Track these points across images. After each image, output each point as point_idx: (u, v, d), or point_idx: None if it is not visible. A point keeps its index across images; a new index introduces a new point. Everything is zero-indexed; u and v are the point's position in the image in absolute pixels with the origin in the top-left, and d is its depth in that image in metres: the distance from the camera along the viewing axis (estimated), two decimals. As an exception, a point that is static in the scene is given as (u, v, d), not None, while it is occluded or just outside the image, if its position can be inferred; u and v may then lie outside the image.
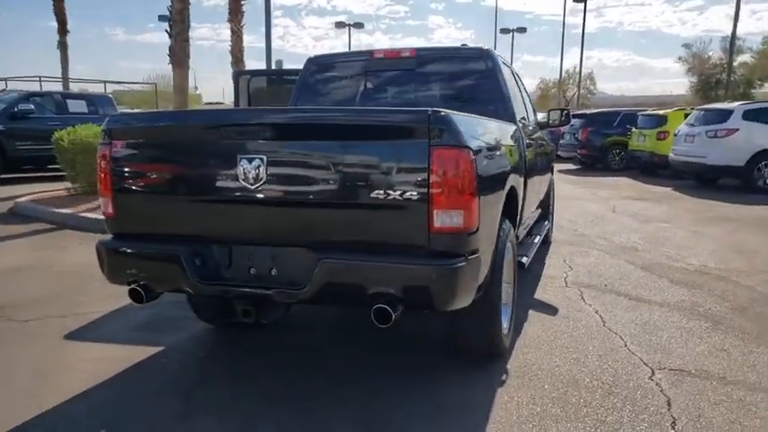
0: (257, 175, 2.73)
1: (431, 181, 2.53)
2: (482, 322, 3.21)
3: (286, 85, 6.04)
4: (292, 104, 4.77)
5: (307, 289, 2.71)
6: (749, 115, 11.58)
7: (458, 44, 5.56)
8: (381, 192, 2.59)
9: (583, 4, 31.25)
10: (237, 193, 2.81)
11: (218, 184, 2.87)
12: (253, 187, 2.75)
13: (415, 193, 2.55)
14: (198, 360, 3.66)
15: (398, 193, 2.57)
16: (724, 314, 4.40)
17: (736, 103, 12.78)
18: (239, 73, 5.97)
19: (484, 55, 4.38)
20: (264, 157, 2.72)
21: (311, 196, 2.73)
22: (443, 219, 2.56)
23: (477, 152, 2.68)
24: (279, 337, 4.01)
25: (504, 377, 3.34)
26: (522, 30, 39.16)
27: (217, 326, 4.11)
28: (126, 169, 3.05)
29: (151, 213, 3.07)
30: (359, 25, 41.77)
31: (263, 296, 2.83)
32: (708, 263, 5.96)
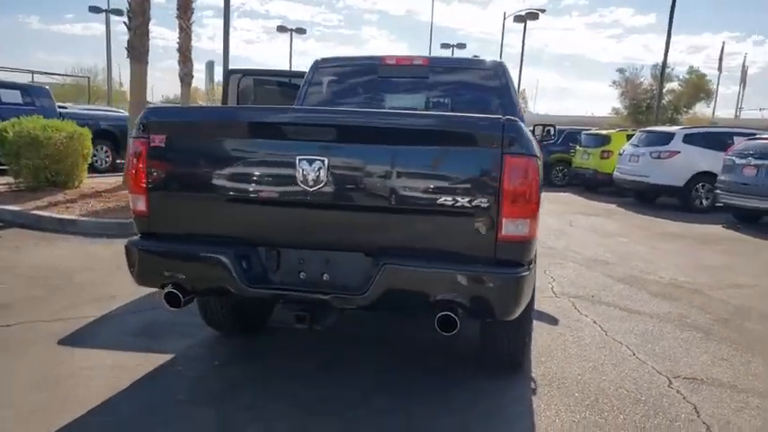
0: (317, 177, 2.64)
1: (502, 189, 2.53)
2: (518, 332, 3.24)
3: (279, 87, 5.92)
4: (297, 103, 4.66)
5: (367, 294, 2.64)
6: (689, 139, 12.34)
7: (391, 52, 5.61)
8: (449, 198, 2.57)
9: (522, 24, 32.40)
10: (293, 196, 2.70)
11: (272, 185, 2.76)
12: (312, 190, 2.66)
13: (485, 201, 2.55)
14: (215, 368, 3.49)
15: (467, 200, 2.56)
16: (710, 325, 4.64)
17: (677, 128, 13.61)
18: (231, 72, 5.78)
19: (497, 67, 4.45)
20: (326, 159, 2.64)
21: (374, 201, 2.67)
22: (510, 227, 2.57)
23: (539, 162, 2.71)
24: (288, 344, 3.89)
25: (533, 386, 3.38)
26: (462, 45, 40.14)
27: (224, 333, 3.94)
28: (165, 166, 2.87)
29: (192, 213, 2.91)
30: (301, 31, 41.45)
31: (319, 301, 2.74)
32: (677, 276, 6.28)
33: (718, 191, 10.81)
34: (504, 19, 34.96)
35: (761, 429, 2.98)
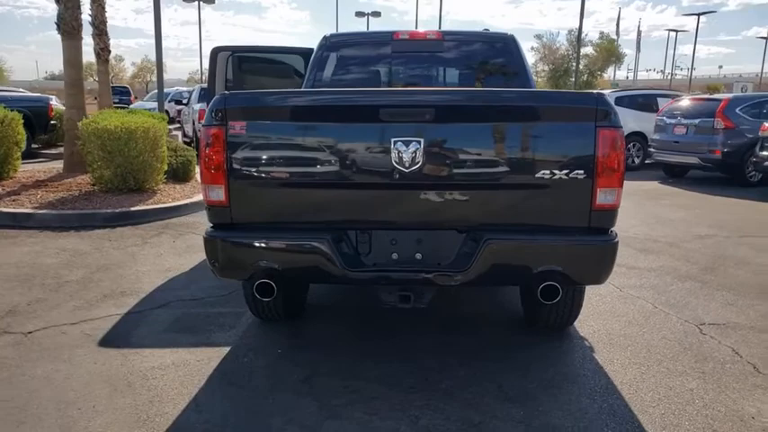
0: (413, 158, 2.65)
1: (596, 160, 2.65)
2: (580, 298, 3.40)
3: (272, 65, 5.70)
4: (308, 84, 4.55)
5: (470, 270, 2.70)
6: (619, 101, 13.06)
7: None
8: (547, 172, 2.66)
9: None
10: (388, 177, 2.70)
11: (366, 167, 2.73)
12: (408, 171, 2.67)
13: (582, 173, 2.66)
14: (281, 355, 3.43)
15: (564, 172, 2.66)
16: (702, 274, 5.07)
17: (608, 91, 14.35)
18: (218, 49, 5.48)
19: (509, 40, 4.54)
20: (422, 140, 2.64)
21: (470, 178, 2.72)
22: (603, 197, 2.70)
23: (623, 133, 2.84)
24: (330, 325, 3.89)
25: (587, 344, 3.59)
26: (376, 14, 39.81)
27: (264, 320, 3.87)
28: (247, 153, 2.77)
29: (278, 201, 2.82)
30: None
31: (423, 280, 2.76)
32: (648, 232, 6.76)
33: (651, 149, 11.60)
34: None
35: (796, 362, 3.35)
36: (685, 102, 11.40)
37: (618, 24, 53.81)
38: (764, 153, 9.37)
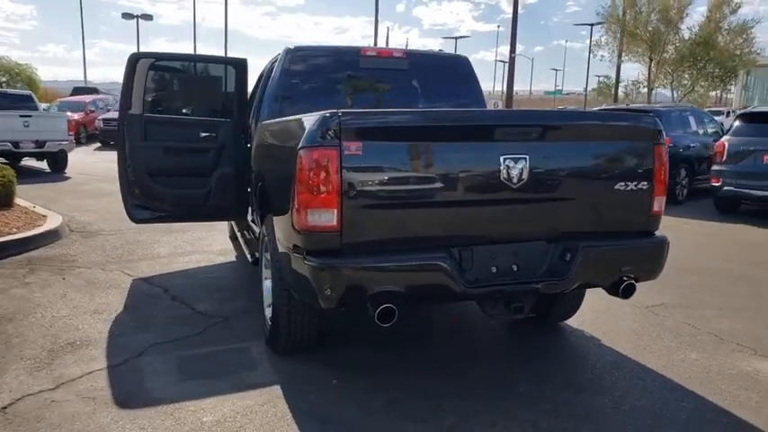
0: (521, 174, 2.81)
1: (654, 172, 3.11)
2: (582, 293, 3.85)
3: (198, 75, 5.11)
4: (270, 96, 4.31)
5: (569, 277, 2.94)
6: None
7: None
8: (622, 183, 3.04)
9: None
10: (497, 194, 2.81)
11: (477, 185, 2.80)
12: (515, 186, 2.81)
13: (645, 183, 3.10)
14: (341, 385, 3.24)
15: (634, 183, 3.07)
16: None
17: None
18: (139, 55, 4.70)
19: (464, 61, 4.85)
20: (527, 157, 2.82)
21: (564, 192, 2.96)
22: (657, 204, 3.18)
23: None
24: (358, 346, 3.78)
25: (588, 331, 4.07)
26: (148, 17, 37.02)
27: (284, 353, 3.58)
28: (362, 174, 2.63)
29: (391, 222, 2.72)
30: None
31: (534, 291, 2.90)
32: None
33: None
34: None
35: None
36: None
37: (387, 43, 57.80)
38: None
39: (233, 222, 6.05)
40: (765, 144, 8.40)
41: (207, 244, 6.56)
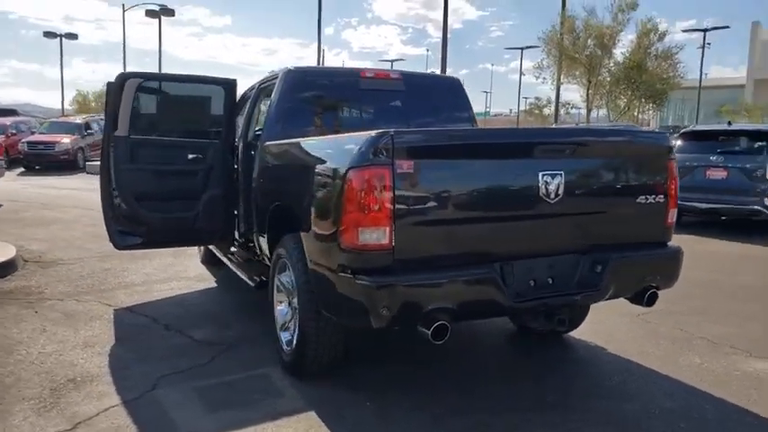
0: (557, 189, 2.91)
1: (668, 186, 3.29)
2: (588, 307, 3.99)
3: (186, 95, 4.93)
4: (272, 116, 4.25)
5: (601, 288, 3.05)
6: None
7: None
8: (643, 197, 3.20)
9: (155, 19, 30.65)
10: (536, 209, 2.89)
11: (519, 201, 2.87)
12: (552, 202, 2.91)
13: (662, 197, 3.27)
14: (375, 406, 3.19)
15: (653, 197, 3.24)
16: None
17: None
18: (127, 75, 4.46)
19: (456, 83, 4.95)
20: (563, 173, 2.92)
21: (596, 205, 3.08)
22: (671, 215, 3.35)
23: None
24: (374, 363, 3.74)
25: (591, 341, 4.20)
26: (73, 36, 35.52)
27: (305, 377, 3.50)
28: (414, 192, 2.65)
29: (441, 238, 2.75)
30: None
31: (573, 303, 2.98)
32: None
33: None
34: (124, 12, 32.53)
35: None
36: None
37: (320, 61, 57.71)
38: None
39: (211, 247, 5.86)
40: (706, 160, 8.99)
41: (181, 270, 6.31)
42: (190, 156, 4.73)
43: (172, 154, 4.75)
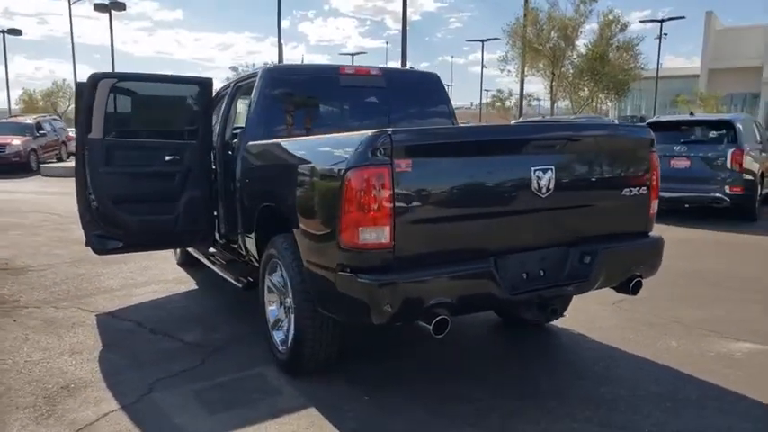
0: (548, 184, 3.00)
1: (651, 177, 3.42)
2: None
3: (163, 96, 4.84)
4: (253, 117, 4.24)
5: (590, 279, 3.16)
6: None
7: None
8: (628, 189, 3.33)
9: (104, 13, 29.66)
10: (528, 203, 2.98)
11: (512, 196, 2.96)
12: (544, 196, 3.00)
13: (645, 188, 3.41)
14: (374, 399, 3.24)
15: (637, 189, 3.37)
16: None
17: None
18: (100, 76, 4.35)
19: (435, 78, 5.01)
20: (553, 168, 3.02)
21: (585, 198, 3.19)
22: (653, 206, 3.49)
23: None
24: (367, 360, 3.79)
25: (576, 332, 4.34)
26: (16, 32, 34.28)
27: (300, 374, 3.52)
28: (413, 190, 2.70)
29: (439, 234, 2.82)
30: None
31: (567, 293, 3.08)
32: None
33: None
34: (70, 5, 31.45)
35: None
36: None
37: (280, 59, 57.13)
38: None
39: (190, 249, 5.80)
40: (670, 150, 9.23)
41: (158, 273, 6.23)
42: (167, 157, 4.66)
43: (148, 155, 4.67)
